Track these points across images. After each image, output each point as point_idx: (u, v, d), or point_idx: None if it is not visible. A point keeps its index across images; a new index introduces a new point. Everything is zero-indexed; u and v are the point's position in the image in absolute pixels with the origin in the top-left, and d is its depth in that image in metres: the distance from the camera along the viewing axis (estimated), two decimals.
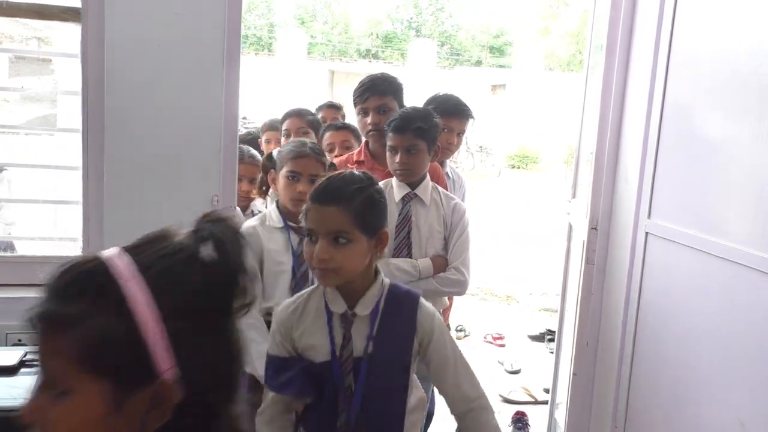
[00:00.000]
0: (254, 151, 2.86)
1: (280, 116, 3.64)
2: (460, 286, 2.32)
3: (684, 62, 1.88)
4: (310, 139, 2.99)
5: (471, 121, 2.94)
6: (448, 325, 2.82)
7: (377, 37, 31.21)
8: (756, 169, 1.50)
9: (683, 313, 1.80)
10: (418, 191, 2.31)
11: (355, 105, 2.61)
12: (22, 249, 1.84)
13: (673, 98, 1.92)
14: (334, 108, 3.59)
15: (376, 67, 21.03)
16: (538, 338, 5.38)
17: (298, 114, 3.20)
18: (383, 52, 29.28)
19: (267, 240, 2.07)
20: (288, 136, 3.14)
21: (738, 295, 1.55)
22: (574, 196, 2.91)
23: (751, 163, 1.52)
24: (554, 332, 5.13)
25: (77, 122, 1.79)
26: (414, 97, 2.92)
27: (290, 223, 2.07)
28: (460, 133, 2.92)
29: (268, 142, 3.44)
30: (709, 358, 1.66)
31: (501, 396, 4.16)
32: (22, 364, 1.45)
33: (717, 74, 1.71)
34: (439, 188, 2.40)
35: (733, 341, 1.56)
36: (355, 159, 2.55)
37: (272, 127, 3.47)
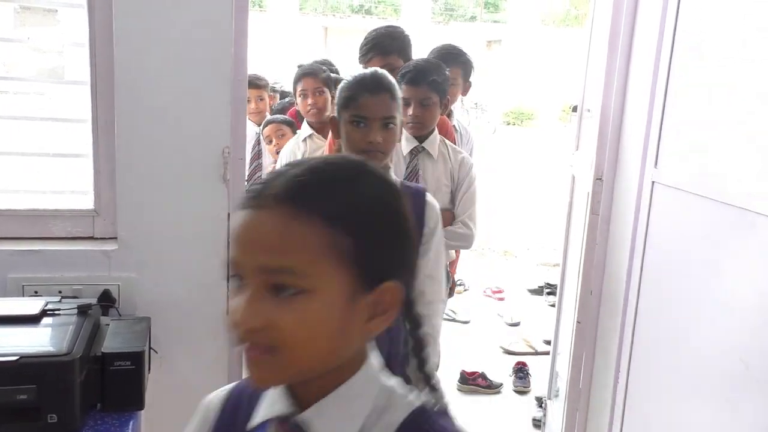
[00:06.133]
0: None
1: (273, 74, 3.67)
2: (466, 240, 2.35)
3: (693, 12, 1.88)
4: (325, 98, 3.01)
5: (471, 70, 2.95)
6: (454, 280, 2.86)
7: None
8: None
9: (688, 259, 1.83)
10: (426, 144, 2.32)
11: (360, 63, 2.59)
12: (35, 202, 1.85)
13: (683, 48, 1.92)
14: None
15: (369, 23, 20.70)
16: (537, 292, 5.46)
17: (312, 73, 3.15)
18: (376, 7, 28.81)
19: None
20: (305, 96, 3.10)
21: (743, 241, 1.57)
22: (577, 149, 2.91)
23: (762, 111, 1.53)
24: (553, 286, 5.21)
25: (85, 74, 1.78)
26: None
27: None
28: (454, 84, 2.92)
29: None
30: (713, 303, 1.69)
31: (502, 347, 4.25)
32: (44, 313, 1.47)
33: (726, 27, 1.71)
34: (447, 142, 2.41)
35: (736, 285, 1.60)
36: None
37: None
